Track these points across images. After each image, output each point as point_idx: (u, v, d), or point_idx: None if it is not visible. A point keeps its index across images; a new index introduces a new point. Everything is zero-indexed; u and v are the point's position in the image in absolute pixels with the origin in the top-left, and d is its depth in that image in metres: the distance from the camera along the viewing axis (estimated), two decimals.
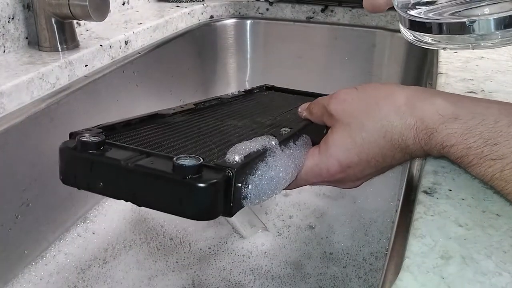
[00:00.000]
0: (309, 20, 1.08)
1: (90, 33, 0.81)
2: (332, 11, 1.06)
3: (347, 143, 0.40)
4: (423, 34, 0.38)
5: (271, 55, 1.12)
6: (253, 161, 0.36)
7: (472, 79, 0.59)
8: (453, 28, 0.36)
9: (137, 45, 0.85)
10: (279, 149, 0.39)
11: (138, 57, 0.83)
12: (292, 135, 0.42)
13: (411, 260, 0.28)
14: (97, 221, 0.74)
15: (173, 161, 0.33)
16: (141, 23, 0.88)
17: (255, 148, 0.37)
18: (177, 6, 1.04)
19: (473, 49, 0.37)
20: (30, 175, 0.62)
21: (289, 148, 0.40)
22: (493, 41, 0.35)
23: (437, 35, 0.37)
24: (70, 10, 0.67)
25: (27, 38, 0.73)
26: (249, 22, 1.11)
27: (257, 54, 1.13)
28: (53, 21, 0.70)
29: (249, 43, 1.12)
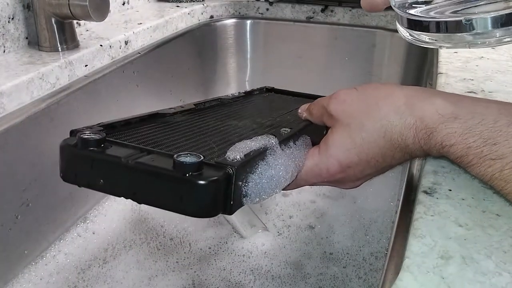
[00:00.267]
0: (309, 20, 1.08)
1: (90, 33, 0.81)
2: (332, 11, 1.06)
3: (347, 143, 0.40)
4: (420, 32, 0.38)
5: (271, 55, 1.12)
6: (253, 160, 0.36)
7: (472, 79, 0.59)
8: (450, 26, 0.36)
9: (137, 45, 0.85)
10: (279, 148, 0.39)
11: (138, 57, 0.83)
12: (292, 135, 0.42)
13: (411, 260, 0.28)
14: (97, 221, 0.74)
15: (174, 159, 0.33)
16: (141, 23, 0.88)
17: (255, 147, 0.37)
18: (177, 6, 1.04)
19: (469, 48, 0.37)
20: (30, 175, 0.63)
21: (289, 147, 0.40)
22: (490, 40, 0.35)
23: (434, 33, 0.37)
24: (70, 10, 0.67)
25: (27, 38, 0.73)
26: (249, 22, 1.11)
27: (257, 54, 1.13)
28: (53, 21, 0.70)
29: (249, 43, 1.12)
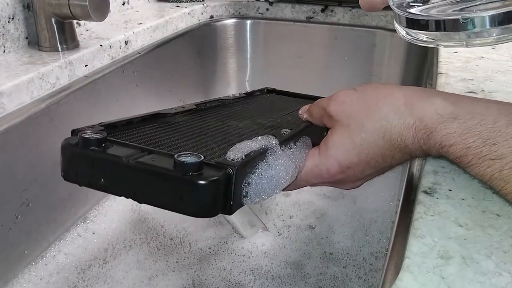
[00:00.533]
0: (309, 20, 1.08)
1: (90, 33, 0.81)
2: (332, 11, 1.06)
3: (347, 144, 0.40)
4: (418, 31, 0.38)
5: (271, 55, 1.12)
6: (254, 160, 0.36)
7: (472, 79, 0.59)
8: (448, 25, 0.36)
9: (137, 45, 0.85)
10: (279, 149, 0.39)
11: (138, 57, 0.83)
12: (292, 136, 0.42)
13: (411, 260, 0.28)
14: (97, 221, 0.74)
15: (174, 158, 0.33)
16: (141, 23, 0.88)
17: (255, 147, 0.37)
18: (177, 6, 1.04)
19: (467, 47, 0.37)
20: (30, 175, 0.63)
21: (289, 148, 0.41)
22: (487, 39, 0.35)
23: (431, 32, 0.37)
24: (70, 10, 0.67)
25: (27, 38, 0.73)
26: (249, 22, 1.11)
27: (257, 54, 1.13)
28: (53, 21, 0.70)
29: (249, 43, 1.12)
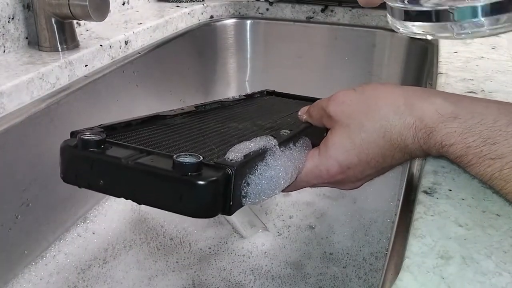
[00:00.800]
0: (309, 20, 1.08)
1: (90, 33, 0.81)
2: (332, 11, 1.06)
3: (347, 144, 0.40)
4: (410, 23, 0.38)
5: (271, 55, 1.12)
6: (253, 160, 0.36)
7: (472, 79, 0.59)
8: (436, 16, 0.36)
9: (137, 45, 0.85)
10: (278, 150, 0.39)
11: (138, 57, 0.83)
12: (292, 137, 0.42)
13: (411, 260, 0.28)
14: (97, 221, 0.74)
15: (173, 159, 0.33)
16: (141, 23, 0.88)
17: (255, 148, 0.37)
18: (177, 6, 1.04)
19: (456, 38, 0.37)
20: (30, 175, 0.62)
21: (289, 149, 0.40)
22: (476, 30, 0.35)
23: (422, 23, 0.37)
24: (70, 10, 0.67)
25: (27, 38, 0.73)
26: (249, 22, 1.11)
27: (257, 54, 1.13)
28: (53, 21, 0.70)
29: (249, 43, 1.12)
